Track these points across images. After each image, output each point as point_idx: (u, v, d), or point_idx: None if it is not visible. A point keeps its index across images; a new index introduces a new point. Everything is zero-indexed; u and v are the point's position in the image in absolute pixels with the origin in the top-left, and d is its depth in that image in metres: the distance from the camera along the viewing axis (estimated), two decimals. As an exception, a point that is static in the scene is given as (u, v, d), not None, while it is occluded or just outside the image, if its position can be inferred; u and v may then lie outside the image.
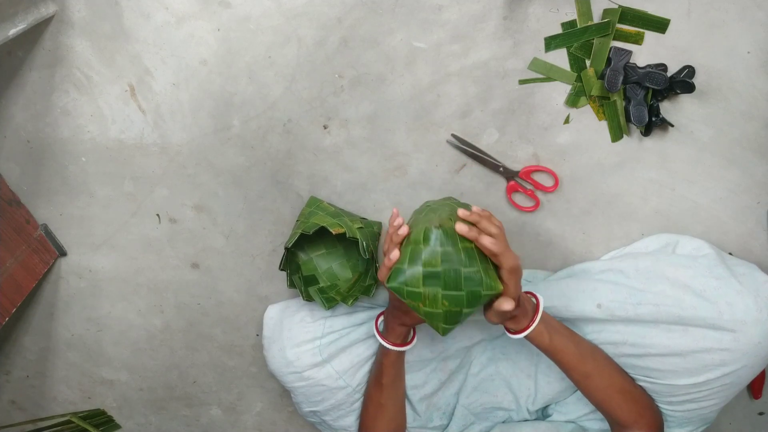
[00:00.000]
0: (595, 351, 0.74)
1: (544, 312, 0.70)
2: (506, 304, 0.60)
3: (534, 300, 0.70)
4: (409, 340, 0.77)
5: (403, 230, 0.63)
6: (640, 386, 0.75)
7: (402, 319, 0.72)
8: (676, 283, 0.72)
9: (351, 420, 0.84)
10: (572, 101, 0.77)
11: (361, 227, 0.76)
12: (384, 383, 0.78)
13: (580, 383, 0.72)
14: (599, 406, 0.73)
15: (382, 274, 0.63)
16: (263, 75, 0.77)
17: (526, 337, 0.68)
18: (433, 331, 0.82)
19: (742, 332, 0.68)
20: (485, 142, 0.80)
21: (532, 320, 0.67)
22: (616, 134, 0.78)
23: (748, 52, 0.72)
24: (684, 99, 0.76)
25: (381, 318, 0.79)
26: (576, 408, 0.83)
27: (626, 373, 0.75)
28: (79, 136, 0.81)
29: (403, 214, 0.84)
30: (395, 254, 0.62)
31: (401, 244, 0.64)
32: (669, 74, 0.74)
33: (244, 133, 0.80)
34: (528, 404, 0.84)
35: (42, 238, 0.85)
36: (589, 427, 0.82)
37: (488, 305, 0.65)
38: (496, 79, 0.76)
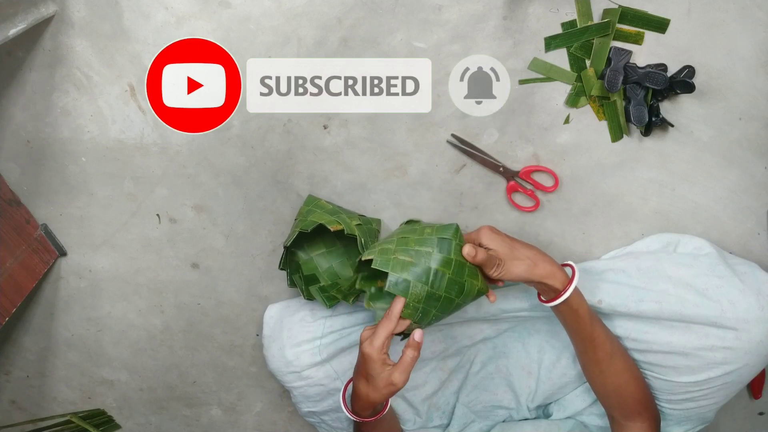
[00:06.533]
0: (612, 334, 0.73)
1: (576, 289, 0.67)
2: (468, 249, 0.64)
3: (570, 270, 0.68)
4: (378, 412, 0.70)
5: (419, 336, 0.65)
6: None
7: (366, 391, 0.64)
8: (679, 282, 0.72)
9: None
10: (572, 101, 0.77)
11: (360, 224, 0.76)
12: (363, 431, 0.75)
13: (602, 363, 0.70)
14: (613, 392, 0.72)
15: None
16: (263, 75, 0.77)
17: (564, 306, 0.66)
18: (432, 332, 0.82)
19: (744, 330, 0.68)
20: (485, 142, 0.80)
21: (568, 285, 0.65)
22: (616, 134, 0.78)
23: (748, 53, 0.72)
24: (684, 99, 0.76)
25: (350, 385, 0.70)
26: (574, 404, 0.83)
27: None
28: (79, 136, 0.81)
29: (403, 214, 0.84)
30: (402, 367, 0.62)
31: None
32: (669, 74, 0.74)
33: (244, 133, 0.80)
34: (528, 402, 0.84)
35: (42, 238, 0.85)
36: (588, 422, 0.82)
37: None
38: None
